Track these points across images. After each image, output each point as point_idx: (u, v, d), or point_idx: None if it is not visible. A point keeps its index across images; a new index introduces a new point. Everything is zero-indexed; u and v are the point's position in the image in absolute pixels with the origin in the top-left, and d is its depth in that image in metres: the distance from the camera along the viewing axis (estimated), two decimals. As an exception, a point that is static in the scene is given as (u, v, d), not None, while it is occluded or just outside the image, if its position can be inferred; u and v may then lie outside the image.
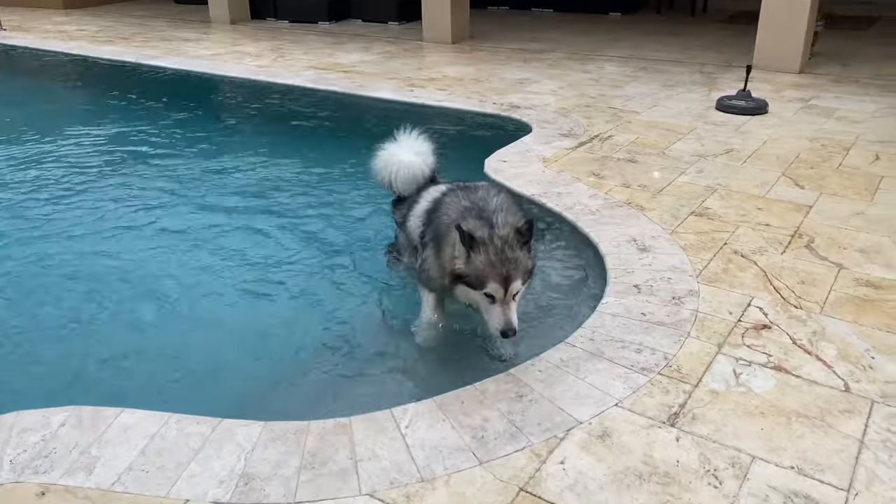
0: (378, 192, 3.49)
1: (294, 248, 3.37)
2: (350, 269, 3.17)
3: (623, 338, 2.39)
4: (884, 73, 5.92)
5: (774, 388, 2.15)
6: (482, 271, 2.17)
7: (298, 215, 3.73)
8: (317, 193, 4.02)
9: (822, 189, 3.58)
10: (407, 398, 2.15)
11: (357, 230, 3.55)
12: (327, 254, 3.31)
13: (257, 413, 2.12)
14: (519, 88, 5.76)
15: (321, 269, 3.18)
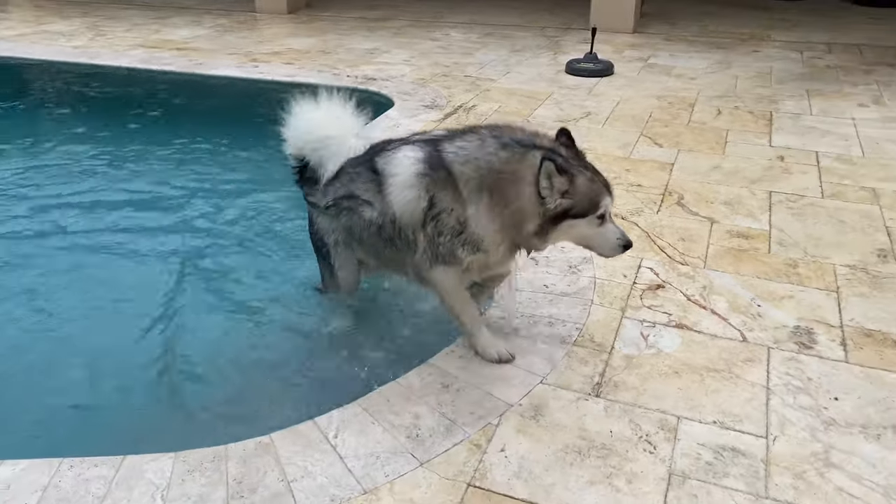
0: (254, 179, 3.26)
1: (165, 257, 3.05)
2: (231, 271, 2.93)
3: (533, 313, 2.39)
4: (708, 30, 6.37)
5: (681, 345, 2.24)
6: (591, 191, 1.92)
7: (163, 223, 3.37)
8: (177, 191, 3.67)
9: (679, 146, 3.79)
10: (328, 405, 2.02)
11: (236, 228, 3.28)
12: (205, 259, 3.03)
13: (163, 444, 1.90)
14: (370, 59, 5.60)
15: (198, 278, 2.90)
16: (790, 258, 2.70)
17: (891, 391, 2.03)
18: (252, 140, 4.21)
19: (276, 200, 3.48)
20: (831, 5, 7.30)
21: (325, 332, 2.49)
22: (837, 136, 3.87)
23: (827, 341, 2.24)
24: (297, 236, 3.11)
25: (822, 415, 1.95)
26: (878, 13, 6.90)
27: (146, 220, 3.36)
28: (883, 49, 5.66)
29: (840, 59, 5.41)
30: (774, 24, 6.57)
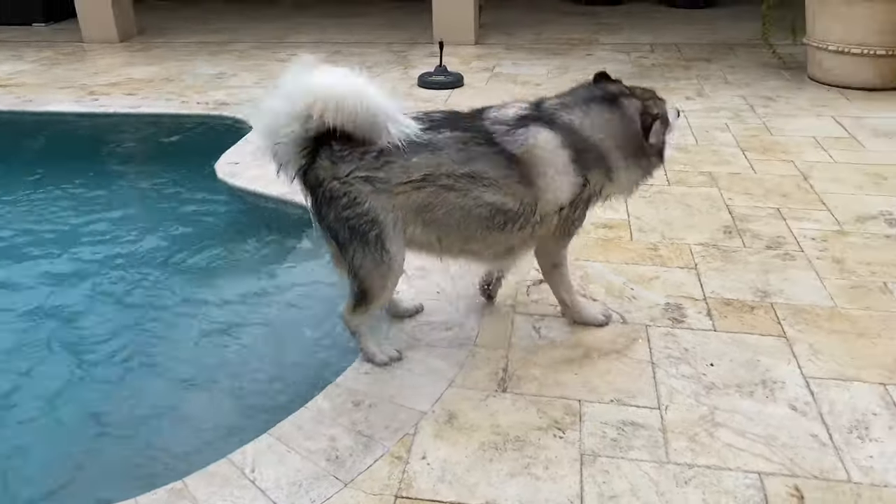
0: (114, 218, 3.07)
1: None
2: (97, 319, 2.76)
3: (430, 320, 2.45)
4: (543, 38, 6.75)
5: (570, 333, 2.39)
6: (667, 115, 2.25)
7: (17, 276, 3.13)
8: (29, 238, 3.40)
9: (536, 148, 3.99)
10: (238, 441, 1.97)
11: (108, 276, 3.08)
12: (69, 307, 2.84)
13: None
14: (219, 85, 5.44)
15: (65, 326, 2.72)
16: (651, 242, 2.95)
17: (754, 351, 2.27)
18: (98, 176, 3.98)
19: (138, 239, 3.32)
20: (649, 8, 7.97)
21: (222, 369, 2.42)
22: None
23: (695, 314, 2.47)
24: (174, 278, 3.00)
25: (703, 380, 2.15)
26: (691, 14, 7.63)
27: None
28: (699, 46, 6.26)
29: (663, 57, 5.93)
30: (601, 28, 7.08)
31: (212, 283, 2.98)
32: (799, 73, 5.26)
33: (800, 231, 3.00)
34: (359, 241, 2.02)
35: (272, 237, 3.38)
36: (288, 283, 2.95)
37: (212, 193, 3.70)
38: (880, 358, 2.22)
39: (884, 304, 2.49)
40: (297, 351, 2.49)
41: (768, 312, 2.46)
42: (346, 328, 2.25)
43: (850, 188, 3.39)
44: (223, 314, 2.73)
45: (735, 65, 5.61)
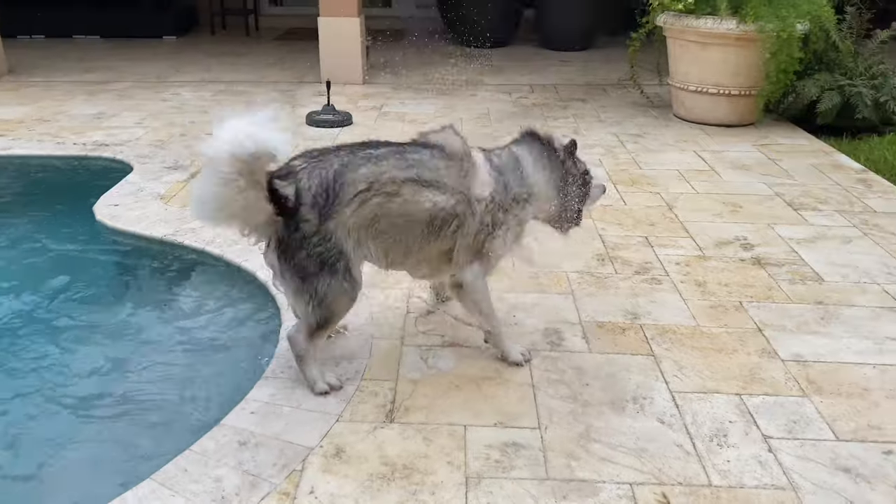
0: None
1: None
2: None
3: (319, 356, 2.47)
4: (429, 79, 6.94)
5: (456, 362, 2.47)
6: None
7: None
8: None
9: (422, 184, 4.11)
10: (120, 487, 1.91)
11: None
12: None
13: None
14: (97, 125, 5.27)
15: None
16: (532, 272, 3.09)
17: (626, 370, 2.43)
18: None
19: (14, 285, 3.16)
20: (529, 51, 8.37)
21: (102, 413, 2.34)
22: (551, 163, 4.47)
23: (571, 337, 2.62)
24: (52, 321, 2.88)
25: (579, 399, 2.28)
26: (568, 57, 8.06)
27: None
28: (575, 87, 6.63)
29: (541, 97, 6.24)
30: (485, 70, 7.37)
31: (92, 326, 2.87)
32: (665, 112, 5.68)
33: (665, 257, 3.24)
34: (328, 272, 2.14)
35: (153, 278, 3.30)
36: (171, 325, 2.88)
37: (91, 236, 3.57)
38: (736, 371, 2.43)
39: (739, 321, 2.73)
40: (181, 393, 2.44)
41: (638, 333, 2.64)
42: (293, 351, 2.28)
43: (710, 216, 3.68)
44: (104, 357, 2.64)
45: (607, 104, 5.98)
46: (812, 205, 3.84)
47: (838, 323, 2.73)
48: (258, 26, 9.90)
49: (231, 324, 2.84)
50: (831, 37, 5.13)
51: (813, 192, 4.01)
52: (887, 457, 2.05)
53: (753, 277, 3.06)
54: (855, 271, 3.12)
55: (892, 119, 5.11)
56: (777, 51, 4.83)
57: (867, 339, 2.62)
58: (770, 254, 3.28)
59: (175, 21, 9.25)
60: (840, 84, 5.09)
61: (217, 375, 2.51)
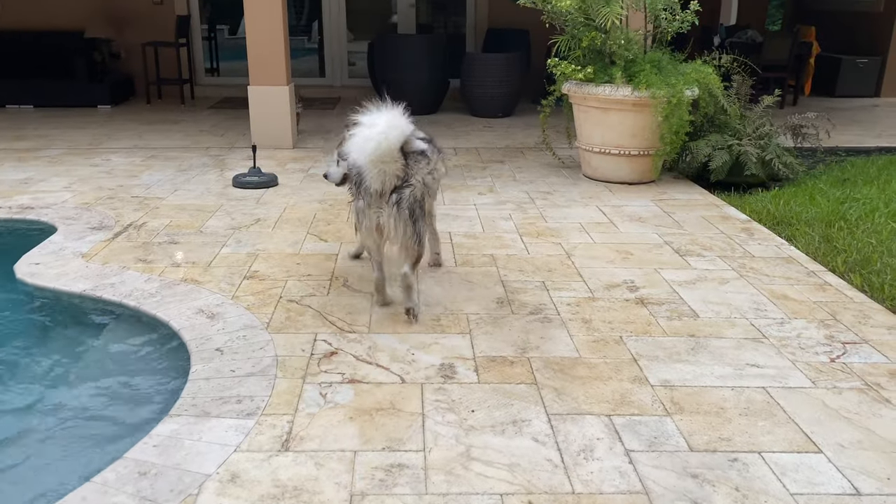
0: None
1: None
2: None
3: (222, 395, 2.62)
4: (357, 143, 7.26)
5: (354, 396, 2.65)
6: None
7: None
8: None
9: (340, 240, 4.34)
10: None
11: None
12: None
13: None
14: (24, 189, 5.37)
15: None
16: (434, 314, 3.32)
17: (509, 397, 2.65)
18: None
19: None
20: (456, 118, 8.81)
21: (8, 451, 2.42)
22: (465, 219, 4.77)
23: (464, 370, 2.83)
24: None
25: (464, 424, 2.48)
26: (490, 122, 8.53)
27: None
28: (494, 150, 7.03)
29: (464, 159, 6.61)
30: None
31: (5, 371, 2.96)
32: (575, 171, 6.09)
33: (559, 299, 3.51)
34: (420, 217, 3.20)
35: (70, 329, 3.41)
36: (83, 369, 2.99)
37: (11, 292, 3.66)
38: (609, 395, 2.67)
39: (617, 353, 2.99)
40: (88, 433, 2.55)
41: (525, 365, 2.88)
42: (408, 282, 3.23)
43: (603, 263, 4.00)
44: (14, 398, 2.73)
45: (523, 165, 6.37)
46: (697, 251, 4.20)
47: (706, 352, 3.01)
48: (193, 95, 10.16)
49: (142, 368, 2.98)
50: (720, 101, 5.65)
51: (699, 241, 4.38)
52: (732, 464, 2.30)
53: (635, 315, 3.35)
54: (727, 308, 3.44)
55: (777, 175, 5.61)
56: (669, 114, 5.29)
57: (729, 365, 2.91)
58: (653, 294, 3.58)
59: (111, 91, 9.44)
60: (730, 144, 5.59)
61: (125, 415, 2.63)
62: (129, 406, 2.75)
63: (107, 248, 4.12)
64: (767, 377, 2.82)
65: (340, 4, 10.44)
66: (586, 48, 5.54)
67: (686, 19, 5.51)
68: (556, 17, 5.60)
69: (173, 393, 2.72)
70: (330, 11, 10.49)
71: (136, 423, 2.57)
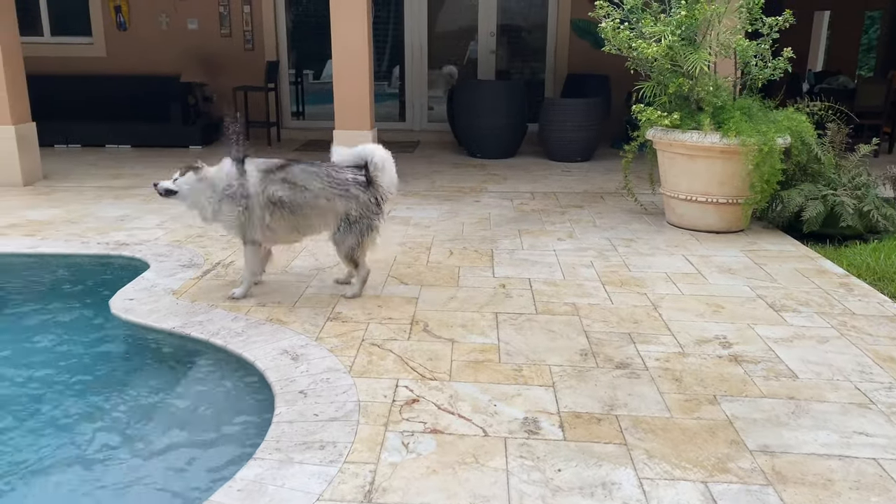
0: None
1: None
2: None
3: (305, 440, 2.61)
4: (436, 186, 7.34)
5: (436, 447, 2.60)
6: None
7: None
8: None
9: (421, 283, 4.34)
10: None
11: None
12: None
13: None
14: (120, 226, 5.62)
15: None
16: (516, 364, 3.25)
17: (597, 457, 2.54)
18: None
19: (32, 374, 3.36)
20: (532, 162, 8.80)
21: (97, 492, 2.47)
22: (544, 265, 4.70)
23: (549, 426, 2.74)
24: (68, 406, 3.05)
25: (550, 484, 2.38)
26: (568, 166, 8.48)
27: None
28: (573, 194, 6.96)
29: (541, 204, 6.56)
30: (489, 178, 7.77)
31: (98, 407, 3.04)
32: (659, 218, 5.94)
33: (646, 353, 3.38)
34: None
35: (159, 366, 3.50)
36: (171, 408, 3.05)
37: (106, 327, 3.80)
38: (704, 460, 2.53)
39: (712, 414, 2.84)
40: (174, 472, 2.58)
41: (612, 423, 2.76)
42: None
43: (692, 316, 3.85)
44: (106, 437, 2.80)
45: (603, 211, 6.27)
46: (793, 307, 3.99)
47: (808, 417, 2.83)
48: (280, 138, 10.51)
49: (228, 407, 3.01)
50: (813, 149, 5.44)
51: (795, 295, 4.17)
52: (844, 543, 2.12)
53: (729, 373, 3.19)
54: (829, 369, 3.24)
55: (876, 227, 5.33)
56: (759, 162, 5.12)
57: (835, 432, 2.72)
58: (747, 352, 3.41)
59: (202, 132, 9.87)
60: (824, 194, 5.35)
61: (210, 455, 2.65)
62: (214, 446, 2.77)
63: (196, 286, 4.24)
64: (878, 447, 2.62)
65: (423, 51, 10.68)
66: (672, 94, 5.45)
67: (778, 66, 5.37)
68: (641, 64, 5.54)
69: (257, 434, 2.73)
70: (412, 57, 10.73)
71: (221, 465, 2.59)
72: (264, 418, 2.83)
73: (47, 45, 10.36)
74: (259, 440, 2.64)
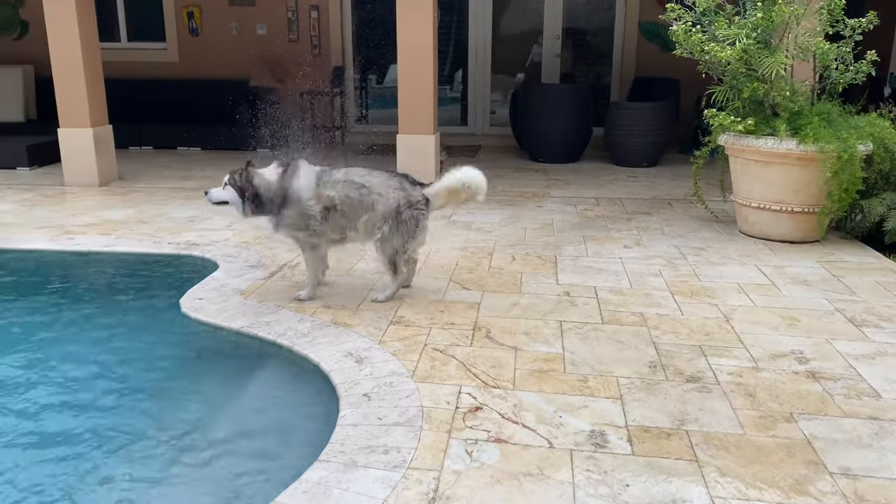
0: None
1: None
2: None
3: (369, 443, 2.61)
4: (497, 191, 7.28)
5: (500, 457, 2.56)
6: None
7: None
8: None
9: (483, 288, 4.31)
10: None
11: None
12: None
13: None
14: (191, 227, 5.77)
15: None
16: (582, 375, 3.18)
17: (668, 473, 2.46)
18: (67, 308, 4.18)
19: (105, 368, 3.47)
20: (597, 167, 8.66)
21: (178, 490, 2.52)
22: (610, 273, 4.60)
23: (616, 440, 2.67)
24: (138, 403, 3.14)
25: (618, 499, 2.32)
26: (634, 172, 8.31)
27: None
28: (640, 201, 6.81)
29: (606, 210, 6.44)
30: (552, 183, 7.68)
31: (165, 404, 3.13)
32: (730, 227, 5.76)
33: (718, 367, 3.27)
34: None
35: (227, 365, 3.57)
36: (238, 408, 3.10)
37: (176, 325, 3.89)
38: (780, 480, 2.42)
39: (787, 432, 2.72)
40: (240, 473, 2.61)
41: (683, 439, 2.67)
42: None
43: (766, 329, 3.70)
44: (172, 435, 2.86)
45: (671, 218, 6.11)
46: (874, 322, 3.80)
47: (893, 439, 2.68)
48: (344, 141, 10.64)
49: (292, 409, 3.04)
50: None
51: (876, 310, 3.97)
52: (936, 577, 1.99)
53: (807, 390, 3.05)
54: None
55: (964, 239, 5.04)
56: (838, 170, 4.90)
57: (923, 457, 2.57)
58: (826, 368, 3.26)
59: (268, 136, 10.06)
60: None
61: (275, 455, 2.68)
62: (280, 446, 2.80)
63: (263, 287, 4.31)
64: (972, 475, 2.46)
65: (486, 54, 10.65)
66: (747, 99, 5.27)
67: (861, 69, 5.14)
68: (714, 68, 5.38)
69: (322, 435, 2.74)
70: (476, 61, 10.72)
71: (286, 465, 2.61)
72: (329, 420, 2.85)
73: (124, 51, 10.76)
74: (323, 442, 2.66)
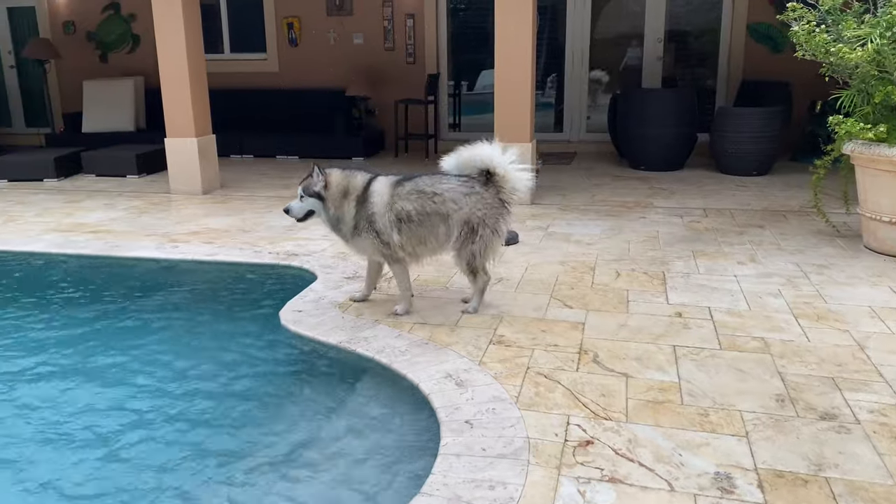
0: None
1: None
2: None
3: (473, 477, 2.46)
4: (597, 200, 7.02)
5: (616, 499, 2.36)
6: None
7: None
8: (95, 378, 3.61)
9: (586, 307, 4.09)
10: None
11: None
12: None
13: None
14: (289, 236, 5.81)
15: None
16: (701, 407, 2.93)
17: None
18: (170, 316, 4.25)
19: (203, 375, 3.48)
20: (702, 175, 8.24)
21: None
22: (725, 292, 4.29)
23: (745, 485, 2.41)
24: (235, 414, 3.12)
25: (753, 556, 2.08)
26: (743, 181, 7.85)
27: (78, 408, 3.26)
28: (751, 212, 6.40)
29: (715, 222, 6.07)
30: (655, 192, 7.34)
31: (261, 419, 3.09)
32: (854, 242, 5.30)
33: (856, 403, 2.94)
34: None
35: (324, 380, 3.51)
36: (334, 429, 3.02)
37: (276, 337, 3.88)
38: (945, 544, 2.11)
39: (948, 485, 2.39)
40: (337, 500, 2.52)
41: (823, 488, 2.39)
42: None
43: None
44: (275, 452, 2.81)
45: (787, 231, 5.69)
46: None
47: None
48: (437, 149, 10.58)
49: (391, 432, 2.93)
50: None
51: None
52: None
53: (965, 435, 2.70)
54: None
55: None
56: None
57: None
58: None
59: (364, 144, 10.15)
60: None
61: (375, 483, 2.58)
62: (379, 473, 2.69)
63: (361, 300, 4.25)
64: None
65: (584, 58, 10.36)
66: (878, 104, 4.83)
67: None
68: (840, 70, 4.96)
69: (423, 463, 2.62)
70: (573, 66, 10.44)
71: (388, 495, 2.50)
72: (429, 447, 2.72)
73: (227, 62, 11.10)
74: (425, 471, 2.53)
